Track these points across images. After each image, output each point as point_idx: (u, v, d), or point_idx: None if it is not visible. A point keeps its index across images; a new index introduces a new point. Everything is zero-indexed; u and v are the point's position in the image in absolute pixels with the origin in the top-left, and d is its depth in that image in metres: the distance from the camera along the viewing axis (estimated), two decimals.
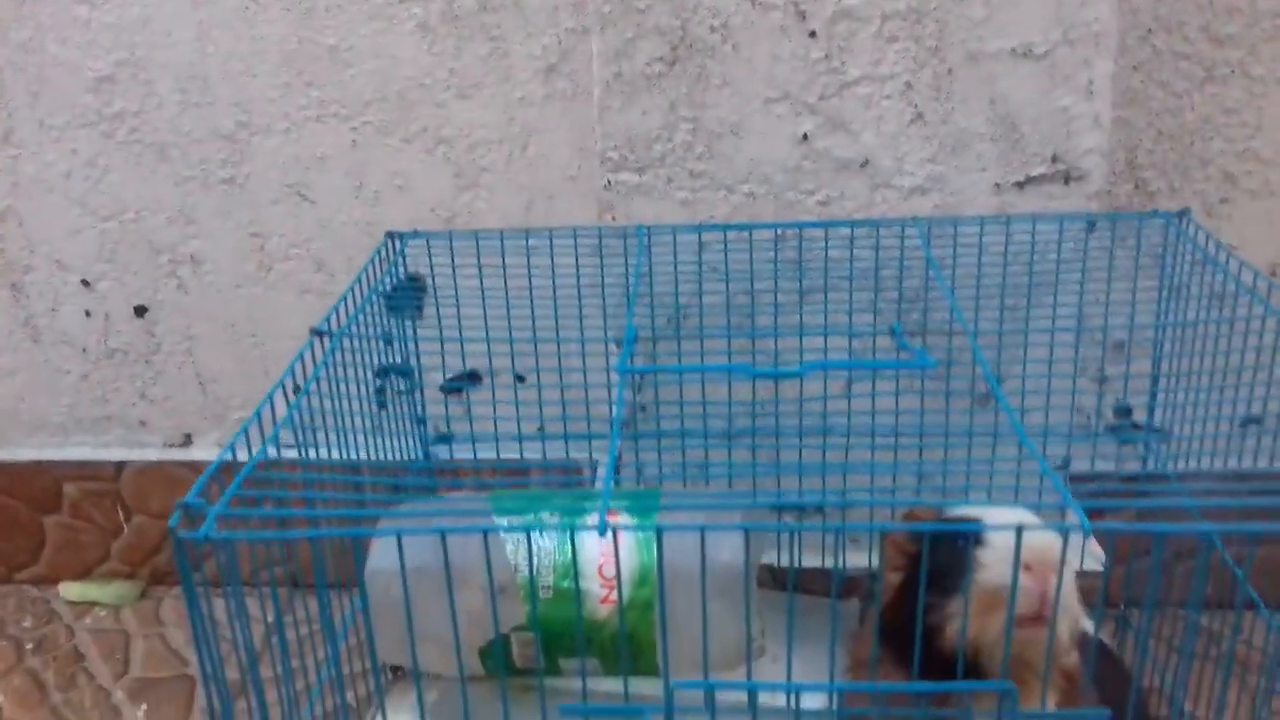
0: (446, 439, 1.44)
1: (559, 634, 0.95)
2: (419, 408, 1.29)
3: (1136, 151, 1.25)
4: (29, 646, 1.46)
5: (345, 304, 0.94)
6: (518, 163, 1.31)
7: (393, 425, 1.25)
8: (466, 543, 0.93)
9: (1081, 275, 1.10)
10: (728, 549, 0.93)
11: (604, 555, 0.95)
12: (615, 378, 0.76)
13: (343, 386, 0.85)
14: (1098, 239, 1.11)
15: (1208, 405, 1.09)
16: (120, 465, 1.51)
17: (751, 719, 0.67)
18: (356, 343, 0.91)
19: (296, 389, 0.80)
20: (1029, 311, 1.10)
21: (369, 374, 0.92)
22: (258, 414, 0.75)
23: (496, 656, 0.95)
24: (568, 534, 0.95)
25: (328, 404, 0.82)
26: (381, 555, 0.98)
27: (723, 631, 0.91)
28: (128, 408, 1.50)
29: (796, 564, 1.15)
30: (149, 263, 1.42)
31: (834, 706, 0.66)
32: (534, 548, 0.96)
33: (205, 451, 1.51)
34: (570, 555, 0.94)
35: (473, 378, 1.41)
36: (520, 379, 1.41)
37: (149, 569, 1.56)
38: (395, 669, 1.08)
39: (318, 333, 0.88)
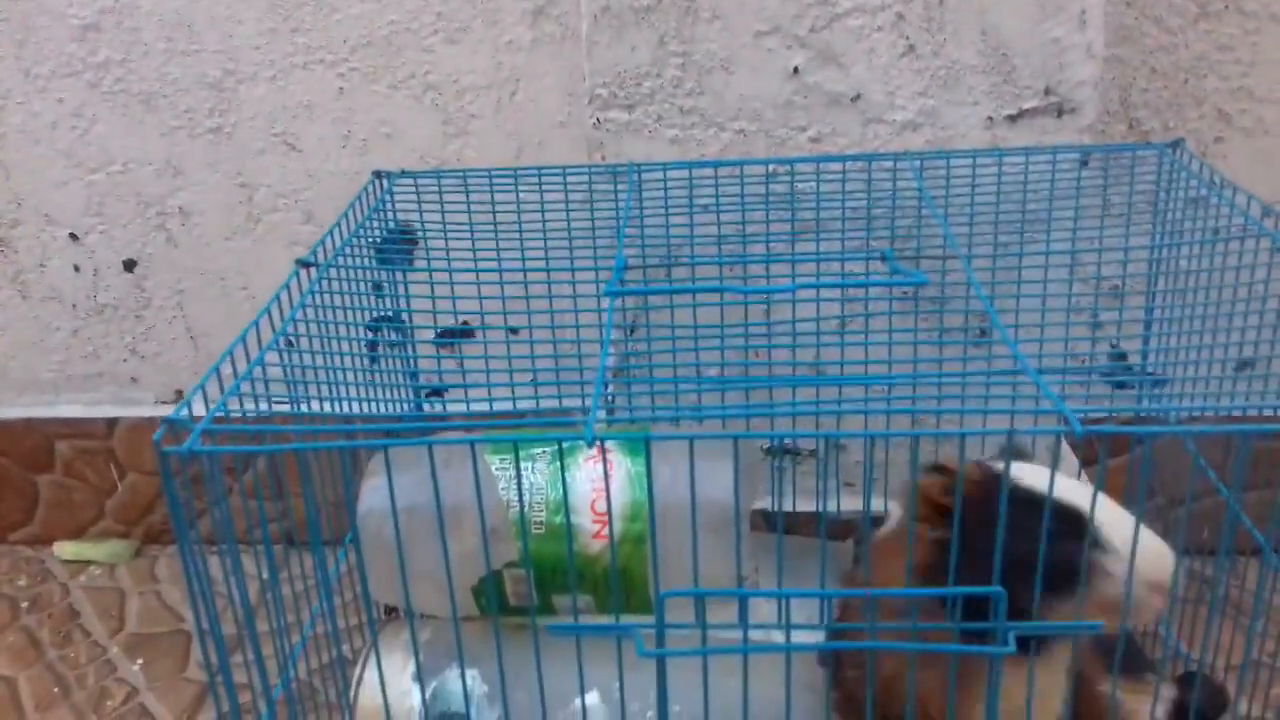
0: (439, 390, 1.44)
1: (552, 570, 0.94)
2: (411, 361, 1.29)
3: (1130, 90, 1.24)
4: (24, 605, 1.46)
5: (331, 238, 0.93)
6: (506, 109, 1.30)
7: (385, 379, 1.25)
8: (458, 483, 0.93)
9: (1075, 212, 1.09)
10: (719, 486, 0.93)
11: (595, 491, 0.95)
12: (605, 306, 0.75)
13: (331, 329, 0.84)
14: (1091, 176, 1.10)
15: (1200, 349, 1.08)
16: (112, 422, 1.50)
17: (742, 632, 0.66)
18: (345, 283, 0.90)
19: (289, 343, 0.79)
20: (1022, 250, 1.09)
21: (357, 315, 0.91)
22: (242, 337, 0.74)
23: (489, 594, 0.95)
24: (559, 470, 0.95)
25: (316, 344, 0.81)
26: (373, 496, 0.98)
27: (714, 567, 0.90)
28: (118, 364, 1.49)
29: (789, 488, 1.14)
30: (137, 215, 1.41)
31: (823, 621, 0.65)
32: (525, 484, 0.95)
33: (197, 408, 1.50)
34: (562, 491, 0.94)
35: (464, 333, 1.41)
36: (513, 331, 1.41)
37: (143, 528, 1.56)
38: (389, 610, 1.08)
39: (304, 264, 0.87)
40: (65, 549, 1.54)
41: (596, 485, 0.95)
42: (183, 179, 1.38)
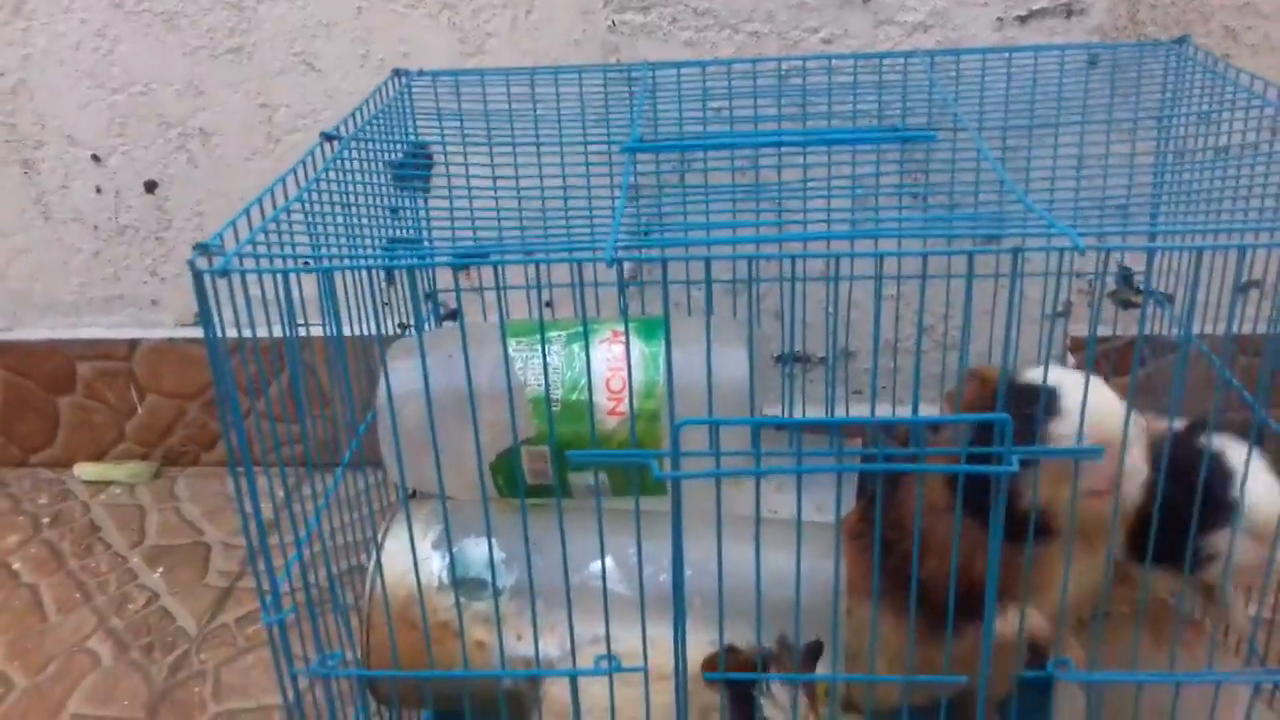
0: (455, 315, 1.46)
1: (569, 446, 0.96)
2: (428, 283, 1.30)
3: (1139, 6, 1.26)
4: (45, 520, 1.48)
5: (354, 119, 0.95)
6: (522, 27, 1.32)
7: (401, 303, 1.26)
8: (477, 365, 0.95)
9: (1082, 115, 1.10)
10: (732, 368, 0.95)
11: (611, 370, 0.97)
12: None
13: (352, 197, 0.86)
14: (1098, 82, 1.12)
15: (1211, 269, 1.09)
16: (133, 344, 1.53)
17: (755, 460, 0.68)
18: (366, 162, 0.92)
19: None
20: (1030, 152, 1.10)
21: (377, 192, 0.93)
22: (270, 189, 0.77)
23: (509, 472, 0.97)
24: (576, 349, 0.97)
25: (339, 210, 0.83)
26: (396, 381, 1.00)
27: (728, 443, 0.92)
28: (139, 286, 1.52)
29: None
30: (159, 136, 1.43)
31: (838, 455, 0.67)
32: (543, 363, 0.97)
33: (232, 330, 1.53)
34: (578, 369, 0.96)
35: (480, 255, 1.43)
36: (528, 254, 1.43)
37: (163, 450, 1.58)
38: (411, 494, 1.10)
39: (328, 136, 0.89)
40: (86, 470, 1.57)
41: (612, 365, 0.97)
42: (204, 99, 1.41)
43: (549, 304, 1.33)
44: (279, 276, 0.67)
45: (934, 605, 0.77)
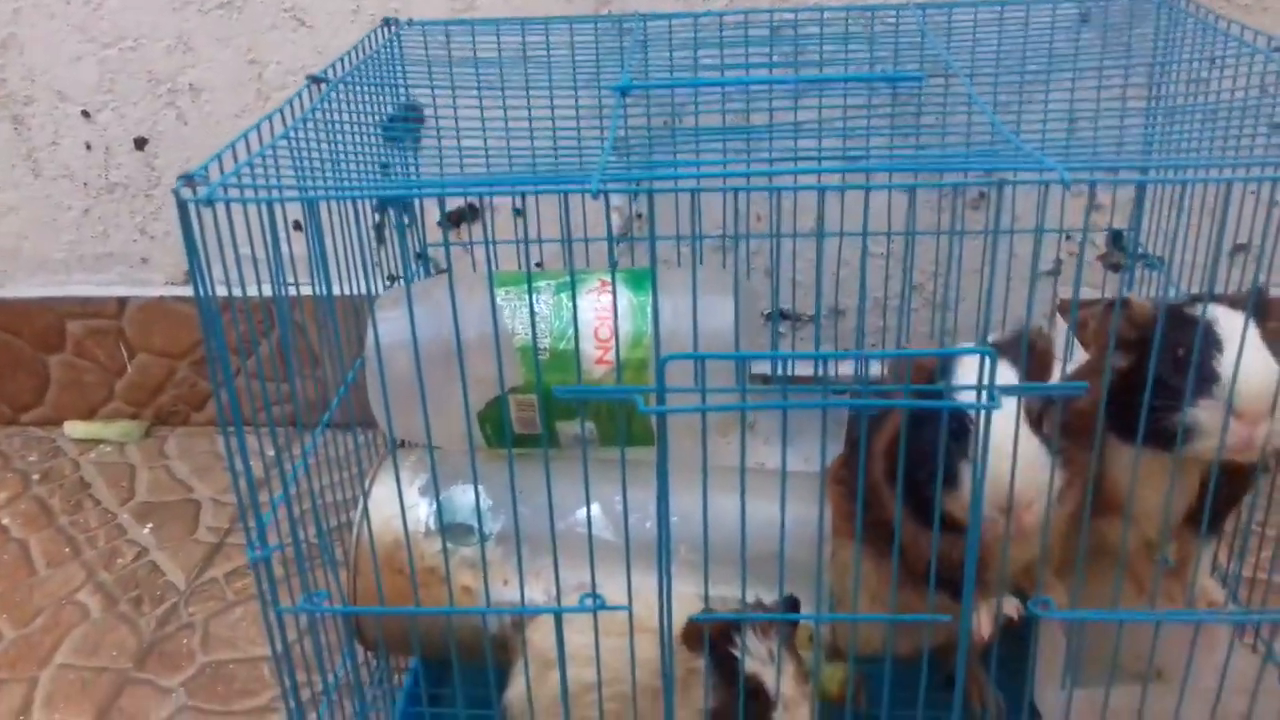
0: (445, 273, 1.45)
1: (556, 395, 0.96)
2: (418, 241, 1.30)
3: None
4: (34, 478, 1.48)
5: (342, 64, 0.94)
6: None
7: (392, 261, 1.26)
8: (465, 315, 0.95)
9: (1074, 68, 1.10)
10: (719, 317, 0.94)
11: (599, 319, 0.97)
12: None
13: (339, 137, 0.85)
14: (1090, 40, 1.11)
15: (1199, 232, 1.09)
16: (123, 302, 1.52)
17: (741, 395, 0.68)
18: (352, 102, 0.91)
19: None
20: (1021, 106, 1.10)
21: (365, 133, 0.92)
22: (256, 126, 0.76)
23: (497, 421, 0.97)
24: (564, 298, 0.97)
25: (325, 150, 0.82)
26: (385, 331, 1.00)
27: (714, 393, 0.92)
28: (129, 244, 1.51)
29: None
30: (148, 93, 1.42)
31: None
32: (531, 312, 0.98)
33: (222, 290, 1.53)
34: (566, 318, 0.96)
35: (470, 210, 1.43)
36: (518, 213, 1.43)
37: (153, 409, 1.58)
38: (401, 444, 1.10)
39: (315, 79, 0.89)
40: (76, 428, 1.57)
41: (600, 314, 0.97)
42: (193, 55, 1.40)
43: (539, 264, 1.33)
44: (264, 208, 0.67)
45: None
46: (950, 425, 0.70)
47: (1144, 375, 0.72)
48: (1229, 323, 0.73)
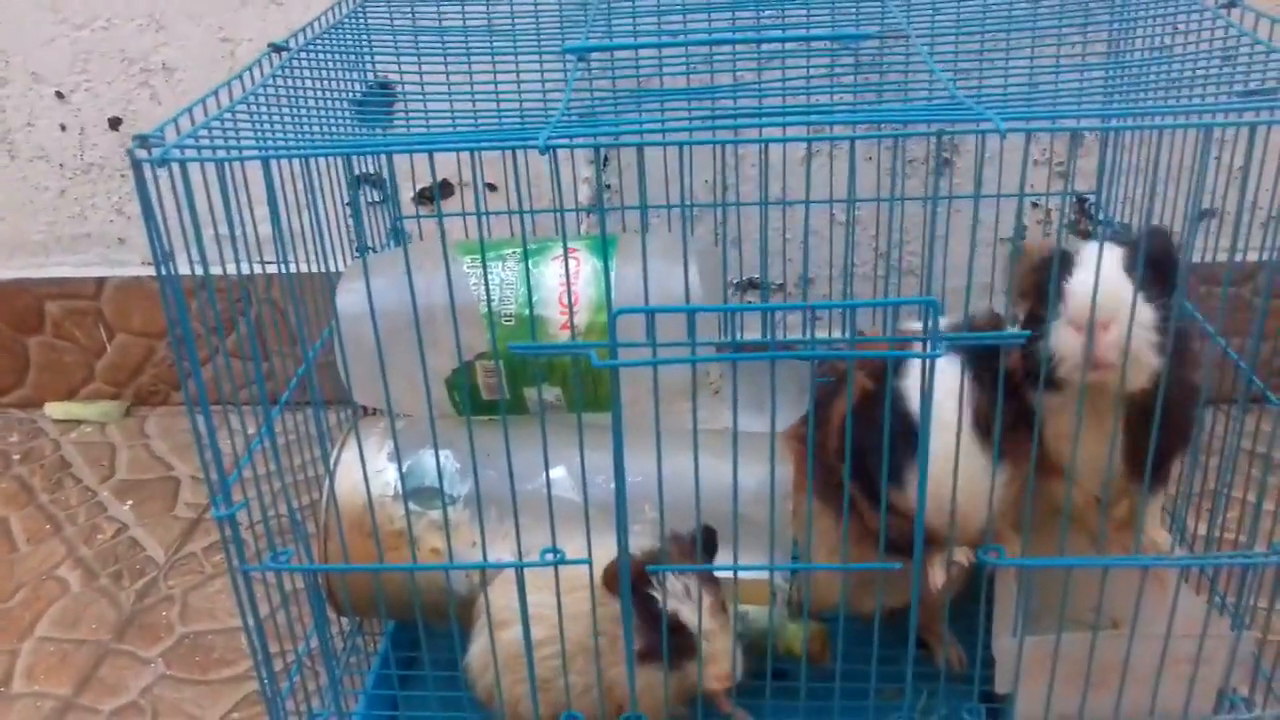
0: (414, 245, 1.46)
1: (522, 360, 0.98)
2: (393, 218, 1.31)
3: None
4: (15, 458, 1.49)
5: (305, 32, 0.95)
6: None
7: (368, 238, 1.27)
8: (430, 284, 0.96)
9: (1031, 42, 1.11)
10: (680, 280, 0.95)
11: (563, 285, 0.98)
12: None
13: (301, 101, 0.86)
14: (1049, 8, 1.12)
15: (1165, 198, 1.10)
16: (101, 282, 1.53)
17: (691, 349, 0.70)
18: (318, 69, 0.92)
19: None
20: (982, 72, 1.11)
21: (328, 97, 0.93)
22: (214, 91, 0.78)
23: (461, 386, 0.98)
24: (530, 265, 0.98)
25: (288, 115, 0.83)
26: (348, 301, 1.01)
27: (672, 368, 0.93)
28: (106, 224, 1.52)
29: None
30: (121, 72, 1.43)
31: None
32: (496, 279, 0.99)
33: (186, 267, 1.53)
34: (530, 285, 0.97)
35: (444, 188, 1.44)
36: (491, 188, 1.44)
37: (133, 389, 1.59)
38: (366, 411, 1.12)
39: (276, 47, 0.90)
40: (56, 409, 1.58)
41: (563, 280, 0.98)
42: (165, 34, 1.41)
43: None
44: (225, 170, 0.68)
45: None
46: (897, 426, 0.72)
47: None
48: (1091, 252, 0.75)
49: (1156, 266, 0.75)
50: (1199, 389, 0.81)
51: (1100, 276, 0.71)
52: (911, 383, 0.75)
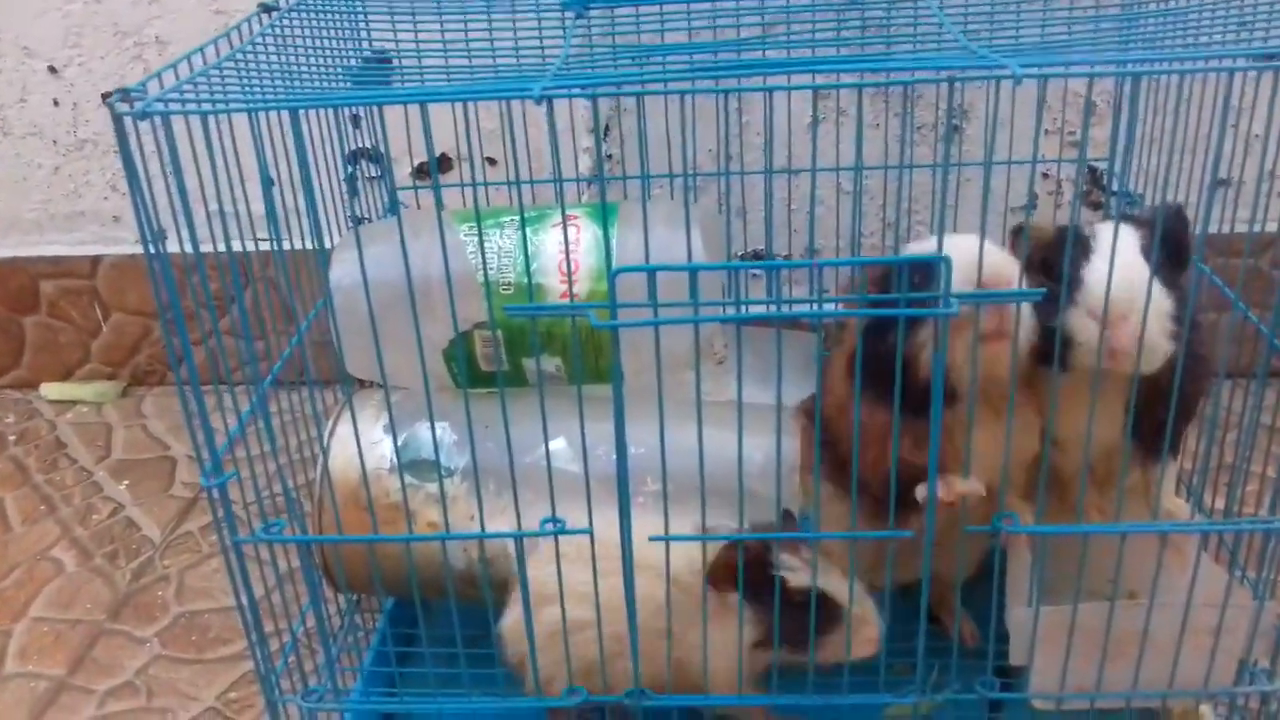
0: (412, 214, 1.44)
1: (521, 330, 0.95)
2: (388, 191, 1.29)
3: None
4: (11, 438, 1.47)
5: None
6: None
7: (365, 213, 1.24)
8: (427, 254, 0.94)
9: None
10: (683, 247, 0.93)
11: (563, 253, 0.96)
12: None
13: (293, 59, 0.84)
14: None
15: (1180, 168, 1.07)
16: (96, 260, 1.51)
17: (693, 309, 0.67)
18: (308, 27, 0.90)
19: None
20: (992, 31, 1.08)
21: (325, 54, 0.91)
22: (201, 49, 0.75)
23: (459, 357, 0.96)
24: (528, 233, 0.96)
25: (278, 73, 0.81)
26: (342, 271, 0.98)
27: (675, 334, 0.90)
28: (100, 202, 1.50)
29: None
30: (115, 46, 1.41)
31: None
32: (494, 247, 0.96)
33: (179, 246, 1.51)
34: (528, 253, 0.95)
35: (442, 162, 1.41)
36: (490, 161, 1.41)
37: (129, 370, 1.57)
38: (362, 385, 1.09)
39: (265, 8, 0.88)
40: (52, 389, 1.56)
41: (563, 248, 0.96)
42: (158, 6, 1.38)
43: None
44: (207, 123, 0.66)
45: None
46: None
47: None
48: (1107, 234, 0.72)
49: (1173, 248, 0.73)
50: (1207, 359, 0.79)
51: (1118, 264, 0.69)
52: None
